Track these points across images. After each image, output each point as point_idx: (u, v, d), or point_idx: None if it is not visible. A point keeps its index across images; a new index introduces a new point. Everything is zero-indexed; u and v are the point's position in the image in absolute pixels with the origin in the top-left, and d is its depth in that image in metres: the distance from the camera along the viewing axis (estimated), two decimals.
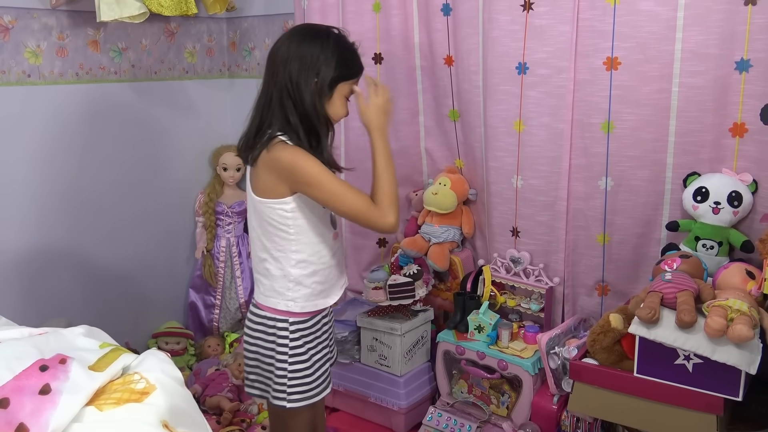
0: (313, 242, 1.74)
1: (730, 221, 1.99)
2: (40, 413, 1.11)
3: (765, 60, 1.89)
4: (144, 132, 2.94)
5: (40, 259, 2.65)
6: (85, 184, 2.75)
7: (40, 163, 2.60)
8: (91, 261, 2.82)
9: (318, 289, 1.77)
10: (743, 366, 1.61)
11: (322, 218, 1.74)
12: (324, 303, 1.79)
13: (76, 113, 2.69)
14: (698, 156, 2.05)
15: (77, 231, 2.75)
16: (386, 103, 1.78)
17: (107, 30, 2.74)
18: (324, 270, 1.77)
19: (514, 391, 2.26)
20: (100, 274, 2.85)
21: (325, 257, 1.76)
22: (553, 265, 2.34)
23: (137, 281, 3.00)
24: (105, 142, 2.80)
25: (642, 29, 2.02)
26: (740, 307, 1.64)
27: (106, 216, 2.84)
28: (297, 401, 1.75)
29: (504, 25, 2.23)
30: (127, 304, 2.97)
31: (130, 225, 2.94)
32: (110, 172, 2.83)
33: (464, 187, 2.53)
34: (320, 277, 1.77)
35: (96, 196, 2.79)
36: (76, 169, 2.71)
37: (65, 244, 2.72)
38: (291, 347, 1.74)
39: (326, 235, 1.76)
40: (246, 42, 3.19)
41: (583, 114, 2.17)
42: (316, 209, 1.71)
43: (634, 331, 1.73)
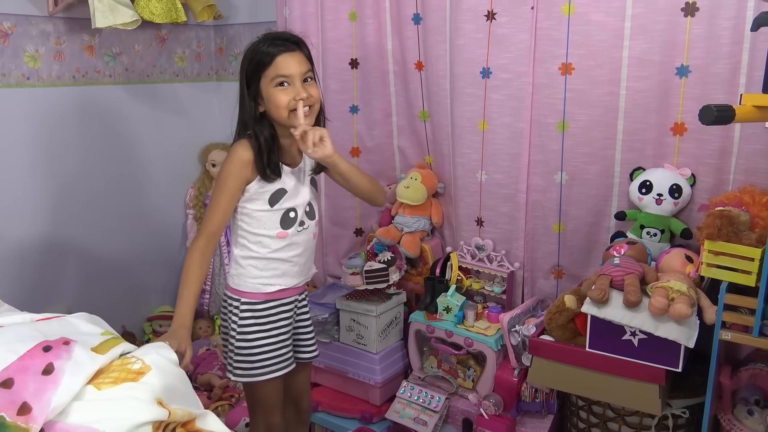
0: (256, 233, 1.74)
1: (671, 211, 2.02)
2: (43, 393, 1.09)
3: (703, 66, 1.91)
4: (137, 131, 2.89)
5: (41, 250, 2.60)
6: (82, 180, 2.70)
7: (39, 161, 2.54)
8: (90, 251, 2.78)
9: (255, 273, 1.76)
10: (683, 340, 1.64)
11: (269, 215, 1.72)
12: (265, 288, 1.77)
13: (73, 114, 2.64)
14: (643, 152, 2.08)
15: (76, 224, 2.70)
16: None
17: (102, 36, 2.69)
18: (263, 260, 1.76)
19: (479, 366, 2.27)
20: (98, 263, 2.81)
21: (265, 249, 1.75)
22: (514, 251, 2.35)
23: (133, 269, 2.96)
24: (100, 140, 2.75)
25: (593, 38, 2.03)
26: (680, 288, 1.66)
27: (102, 209, 2.80)
28: (239, 376, 1.76)
29: (469, 33, 2.23)
30: (124, 291, 2.93)
31: (125, 217, 2.89)
32: (106, 169, 2.79)
33: (433, 181, 2.53)
34: (258, 263, 1.76)
35: (93, 190, 2.75)
36: (73, 166, 2.66)
37: (65, 236, 2.67)
38: (239, 324, 1.76)
39: (270, 231, 1.73)
40: (232, 48, 3.15)
41: (541, 114, 2.18)
42: (263, 204, 1.71)
43: (586, 310, 1.75)
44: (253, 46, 1.67)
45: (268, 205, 1.71)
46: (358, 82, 2.56)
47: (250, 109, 1.67)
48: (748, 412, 1.73)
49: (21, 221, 2.52)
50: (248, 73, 1.65)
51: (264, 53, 1.63)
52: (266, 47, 1.64)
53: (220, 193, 1.67)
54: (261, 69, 1.63)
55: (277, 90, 1.63)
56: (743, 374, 1.81)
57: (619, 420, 1.92)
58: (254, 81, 1.65)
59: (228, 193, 1.67)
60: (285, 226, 1.75)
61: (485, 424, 2.10)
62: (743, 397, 1.79)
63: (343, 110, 2.58)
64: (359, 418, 2.39)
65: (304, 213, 1.79)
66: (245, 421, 2.45)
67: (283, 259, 1.77)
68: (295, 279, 1.83)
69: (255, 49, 1.65)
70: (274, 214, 1.72)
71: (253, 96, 1.66)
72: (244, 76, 1.67)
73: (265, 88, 1.64)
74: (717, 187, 1.96)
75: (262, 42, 1.65)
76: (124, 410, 1.13)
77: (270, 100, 1.64)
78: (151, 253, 3.02)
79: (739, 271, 1.58)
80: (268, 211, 1.72)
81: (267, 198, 1.71)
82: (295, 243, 1.78)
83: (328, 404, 2.46)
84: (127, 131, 2.85)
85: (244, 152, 1.65)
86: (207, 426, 1.27)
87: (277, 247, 1.75)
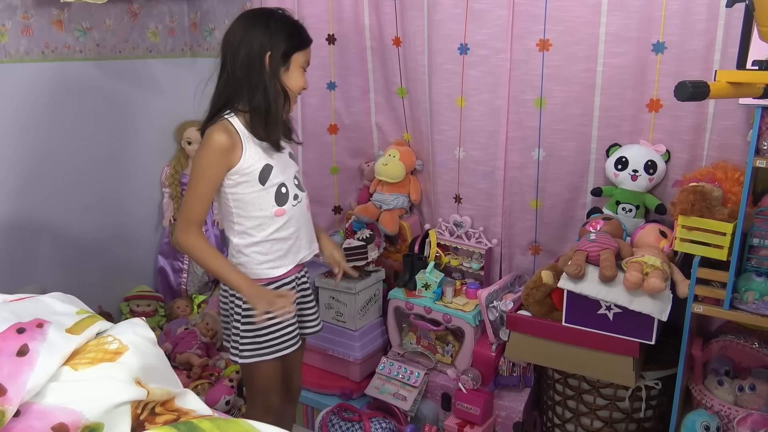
0: (253, 216, 1.71)
1: (646, 187, 2.04)
2: (18, 374, 1.08)
3: (678, 43, 1.92)
4: (110, 109, 2.83)
5: (13, 230, 2.55)
6: (54, 159, 2.64)
7: (9, 139, 2.48)
8: (64, 231, 2.73)
9: (260, 259, 1.74)
10: (656, 314, 1.67)
11: (263, 194, 1.69)
12: (272, 272, 1.75)
13: (43, 90, 2.57)
14: (619, 129, 2.09)
15: (49, 203, 2.65)
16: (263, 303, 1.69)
17: (71, 10, 2.61)
18: (266, 243, 1.73)
19: (457, 341, 2.29)
20: (72, 242, 2.76)
21: (266, 231, 1.72)
22: (492, 228, 2.37)
23: (109, 249, 2.92)
24: (73, 118, 2.69)
25: (571, 14, 2.03)
26: (654, 263, 1.69)
27: (76, 188, 2.74)
28: (247, 357, 1.75)
29: (447, 8, 2.21)
30: (100, 271, 2.89)
31: (100, 196, 2.84)
32: (79, 147, 2.73)
33: (412, 158, 2.52)
34: (262, 248, 1.74)
35: (66, 169, 2.69)
36: (45, 144, 2.60)
37: (37, 216, 2.62)
38: (243, 308, 1.73)
39: (266, 210, 1.70)
40: (207, 23, 3.09)
41: (518, 91, 2.18)
42: (253, 185, 1.67)
43: (562, 285, 1.77)
44: (290, 20, 1.68)
45: (259, 185, 1.68)
46: (335, 58, 2.53)
47: (273, 77, 1.64)
48: (719, 382, 1.77)
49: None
50: (287, 41, 1.64)
51: (306, 36, 1.70)
52: (305, 30, 1.70)
53: (201, 183, 1.63)
54: (300, 44, 1.67)
55: (301, 71, 1.69)
56: (714, 346, 1.85)
57: (594, 392, 1.96)
58: (292, 51, 1.66)
59: (210, 183, 1.64)
60: (280, 202, 1.72)
61: (464, 398, 2.13)
62: (714, 368, 1.83)
63: (321, 87, 2.55)
64: (339, 394, 2.41)
65: (294, 186, 1.77)
66: (225, 399, 2.45)
67: (285, 238, 1.75)
68: (300, 254, 1.81)
69: (295, 24, 1.68)
70: (267, 192, 1.69)
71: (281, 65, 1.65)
72: (283, 39, 1.64)
73: (295, 64, 1.67)
74: (691, 163, 1.99)
75: (299, 23, 1.70)
76: (101, 390, 1.13)
77: (294, 78, 1.68)
78: (127, 232, 2.98)
79: (711, 245, 1.61)
80: (260, 191, 1.68)
81: (256, 177, 1.67)
82: (292, 218, 1.76)
83: (308, 381, 2.47)
84: (100, 109, 2.79)
85: (222, 137, 1.61)
86: (186, 405, 1.27)
87: (277, 227, 1.72)
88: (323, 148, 2.63)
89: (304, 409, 2.49)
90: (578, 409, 2.01)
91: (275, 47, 1.62)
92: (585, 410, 1.99)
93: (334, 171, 2.67)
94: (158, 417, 1.20)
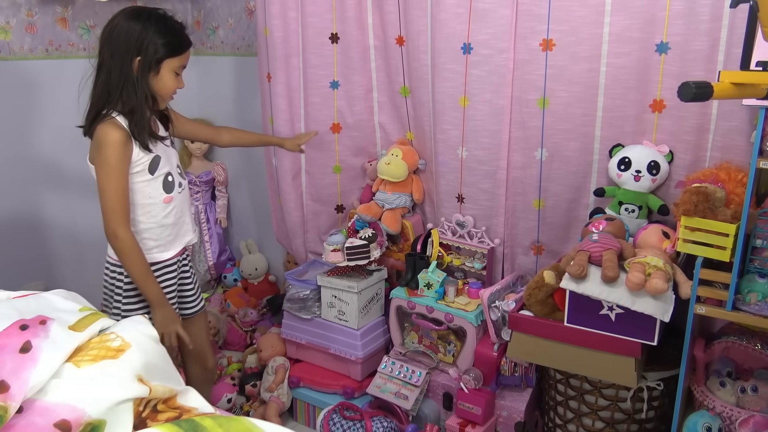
0: (141, 204, 1.80)
1: (649, 187, 2.04)
2: (21, 371, 1.09)
3: (682, 43, 1.92)
4: None
5: (18, 228, 2.56)
6: (58, 156, 2.65)
7: (13, 136, 2.49)
8: (67, 228, 2.74)
9: (150, 244, 1.84)
10: (658, 315, 1.67)
11: (151, 183, 1.79)
12: (159, 257, 1.86)
13: (47, 88, 2.58)
14: (622, 129, 2.09)
15: (52, 200, 2.66)
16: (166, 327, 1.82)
17: (75, 8, 2.62)
18: (156, 229, 1.84)
19: (459, 341, 2.30)
20: (75, 240, 2.77)
21: (155, 218, 1.83)
22: (494, 227, 2.37)
23: None
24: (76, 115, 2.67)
25: (574, 14, 2.03)
26: (657, 264, 1.69)
27: (79, 185, 2.75)
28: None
29: (450, 8, 2.21)
30: (102, 268, 2.89)
31: None
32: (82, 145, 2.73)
33: (414, 157, 2.52)
34: (152, 234, 1.84)
35: (69, 166, 2.70)
36: (48, 141, 2.61)
37: (41, 213, 2.63)
38: (124, 290, 1.84)
39: (155, 198, 1.81)
40: (210, 21, 3.09)
41: (522, 91, 2.18)
42: (144, 174, 1.77)
43: (564, 285, 1.77)
44: (168, 23, 1.71)
45: (149, 174, 1.78)
46: (339, 57, 2.53)
47: (142, 81, 1.69)
48: (721, 383, 1.77)
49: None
50: (162, 47, 1.69)
51: (181, 41, 1.74)
52: (183, 34, 1.75)
53: (118, 180, 1.70)
54: (173, 52, 1.72)
55: (173, 76, 1.75)
56: (716, 347, 1.85)
57: (595, 392, 1.96)
58: (164, 58, 1.70)
59: (123, 178, 1.72)
60: (167, 190, 1.84)
61: (465, 398, 2.13)
62: (716, 369, 1.83)
63: (324, 86, 2.55)
64: (341, 393, 2.41)
65: (177, 174, 1.89)
66: (227, 397, 2.46)
67: (172, 224, 1.87)
68: (186, 238, 1.94)
69: (173, 28, 1.72)
70: (155, 181, 1.80)
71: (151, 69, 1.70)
72: (156, 46, 1.68)
73: (167, 69, 1.72)
74: (694, 164, 1.98)
75: (176, 25, 1.74)
76: (104, 387, 1.13)
77: (164, 82, 1.73)
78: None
79: (714, 246, 1.61)
80: (150, 180, 1.79)
81: (147, 167, 1.77)
82: (178, 204, 1.88)
83: (309, 380, 2.48)
84: None
85: (117, 133, 1.68)
86: (188, 402, 1.27)
87: (165, 213, 1.84)
88: (326, 147, 2.63)
89: (305, 407, 2.50)
90: (580, 410, 2.01)
91: (145, 52, 1.67)
92: (587, 411, 1.99)
93: (337, 170, 2.67)
94: (160, 414, 1.21)
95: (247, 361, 2.68)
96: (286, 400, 2.48)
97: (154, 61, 1.69)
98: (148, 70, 1.69)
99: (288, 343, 2.58)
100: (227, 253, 3.25)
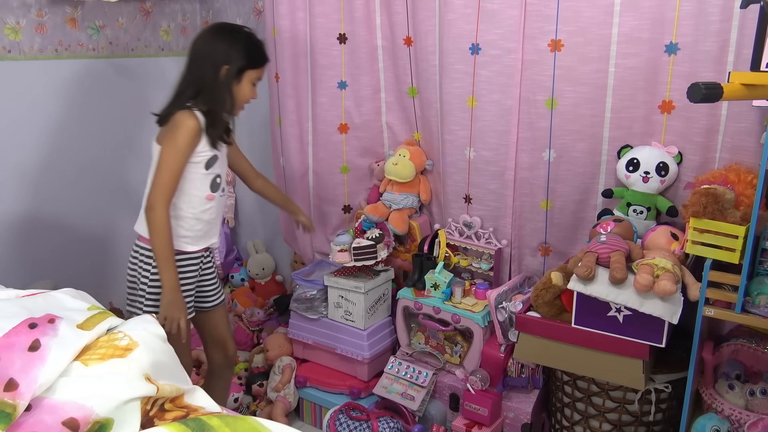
0: (187, 193, 1.91)
1: (658, 189, 2.03)
2: (29, 369, 1.09)
3: (691, 44, 1.91)
4: (121, 106, 2.85)
5: (27, 227, 2.58)
6: (67, 155, 2.67)
7: (22, 135, 2.50)
8: (76, 227, 2.76)
9: (181, 233, 1.93)
10: (667, 317, 1.66)
11: (203, 178, 1.91)
12: (185, 247, 1.95)
13: (56, 88, 2.59)
14: (631, 130, 2.08)
15: (61, 199, 2.67)
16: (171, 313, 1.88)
17: (85, 8, 2.64)
18: (190, 220, 1.94)
19: (466, 342, 2.29)
20: (84, 239, 2.79)
21: (194, 210, 1.93)
22: (502, 228, 2.36)
23: (120, 245, 2.94)
24: (85, 115, 2.71)
25: (583, 14, 2.02)
26: (665, 265, 1.68)
27: (88, 185, 2.77)
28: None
29: (458, 8, 2.21)
30: (111, 267, 2.91)
31: (111, 193, 2.87)
32: (90, 144, 2.75)
33: (422, 158, 2.52)
34: (186, 223, 1.93)
35: (78, 166, 2.72)
36: (57, 141, 2.62)
37: (49, 212, 2.65)
38: (152, 273, 1.92)
39: (200, 191, 1.92)
40: (218, 21, 3.10)
41: (530, 92, 2.17)
42: (200, 167, 1.89)
43: (572, 287, 1.76)
44: (252, 39, 1.92)
45: (204, 169, 1.90)
46: (346, 57, 2.53)
47: (224, 85, 1.88)
48: (729, 386, 1.76)
49: (5, 197, 2.49)
50: (245, 59, 1.89)
51: (263, 56, 1.95)
52: (263, 51, 1.95)
53: (179, 161, 1.84)
54: (254, 65, 1.92)
55: (250, 86, 1.94)
56: (725, 350, 1.84)
57: (603, 395, 1.96)
58: (246, 68, 1.90)
59: (184, 161, 1.85)
60: (213, 189, 1.96)
61: (472, 399, 2.13)
62: (725, 372, 1.82)
63: (331, 86, 2.56)
64: (347, 393, 2.41)
65: (224, 180, 2.01)
66: (233, 396, 2.46)
67: (206, 221, 1.97)
68: (211, 240, 2.04)
69: (256, 45, 1.93)
70: (207, 177, 1.93)
71: (234, 78, 1.89)
72: (241, 58, 1.88)
73: (246, 79, 1.92)
74: (703, 165, 1.97)
75: (258, 42, 1.94)
76: (112, 386, 1.13)
77: (243, 90, 1.92)
78: None
79: (723, 248, 1.60)
80: (203, 174, 1.91)
81: (204, 162, 1.90)
82: (215, 207, 2.00)
83: (316, 380, 2.48)
84: (112, 106, 2.81)
85: (193, 122, 1.84)
86: (195, 401, 1.28)
87: (203, 209, 1.95)
88: (333, 147, 2.64)
89: (312, 407, 2.50)
90: (587, 412, 2.00)
91: (232, 62, 1.87)
92: (594, 413, 1.99)
93: (344, 170, 2.67)
94: (167, 413, 1.21)
95: (254, 360, 2.69)
96: (293, 400, 2.48)
97: (237, 70, 1.87)
98: (231, 78, 1.87)
99: (295, 343, 2.59)
100: (234, 252, 3.25)
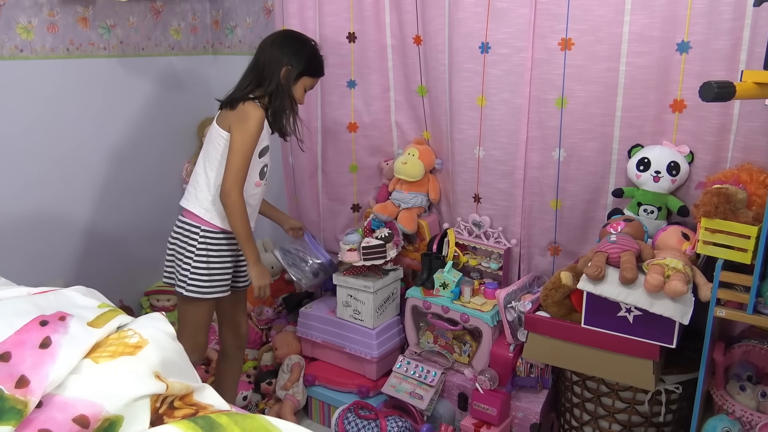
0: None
1: (669, 188, 2.02)
2: (41, 366, 1.10)
3: (703, 42, 1.89)
4: (132, 105, 2.87)
5: (38, 225, 2.60)
6: (78, 154, 2.68)
7: (34, 134, 2.52)
8: (86, 225, 2.77)
9: (224, 213, 2.00)
10: (677, 317, 1.65)
11: (254, 164, 1.99)
12: (228, 226, 2.02)
13: (68, 87, 2.61)
14: (642, 129, 2.07)
15: (72, 198, 2.69)
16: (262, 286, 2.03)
17: (96, 8, 2.65)
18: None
19: (474, 341, 2.29)
20: (94, 237, 2.80)
21: (244, 193, 1.98)
22: (511, 228, 2.36)
23: (130, 243, 2.96)
24: (96, 114, 2.72)
25: (593, 12, 2.01)
26: (676, 265, 1.67)
27: (99, 183, 2.78)
28: (193, 292, 2.02)
29: (468, 7, 2.20)
30: (121, 265, 2.93)
31: (122, 192, 2.88)
32: (101, 143, 2.77)
33: (431, 157, 2.52)
34: None
35: (89, 165, 2.73)
36: (68, 140, 2.64)
37: (60, 211, 2.66)
38: (198, 248, 2.02)
39: (252, 177, 2.01)
40: (228, 21, 3.11)
41: (540, 90, 2.17)
42: (254, 154, 1.98)
43: (582, 287, 1.76)
44: (315, 51, 2.08)
45: (258, 157, 2.01)
46: (356, 56, 2.53)
47: (285, 84, 2.01)
48: (740, 387, 1.75)
49: (16, 196, 2.51)
50: (305, 66, 2.03)
51: (321, 68, 2.11)
52: (322, 64, 2.10)
53: (251, 148, 1.95)
54: (312, 73, 2.07)
55: (302, 91, 2.08)
56: (736, 351, 1.82)
57: (612, 395, 1.95)
58: (303, 74, 2.04)
59: (254, 147, 1.96)
60: (261, 177, 2.08)
61: (480, 398, 2.13)
62: (736, 373, 1.80)
63: (341, 85, 2.56)
64: (356, 392, 2.42)
65: (269, 171, 2.12)
66: (242, 395, 2.47)
67: (252, 205, 2.06)
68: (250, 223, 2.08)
69: (317, 57, 2.08)
70: (258, 164, 2.03)
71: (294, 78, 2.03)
72: (302, 63, 2.02)
73: (301, 83, 2.05)
74: (715, 165, 1.96)
75: (320, 56, 2.09)
76: (122, 384, 1.14)
77: (296, 92, 2.05)
78: (148, 228, 3.01)
79: (734, 248, 1.59)
80: (256, 161, 2.01)
81: (260, 150, 2.01)
82: (260, 194, 2.11)
83: (325, 378, 2.48)
84: (123, 105, 2.82)
85: (260, 112, 1.96)
86: (205, 399, 1.28)
87: (251, 194, 2.04)
88: (343, 146, 2.64)
89: (320, 405, 2.50)
90: (596, 412, 1.99)
91: (294, 65, 2.01)
92: (603, 413, 1.98)
93: (353, 169, 2.68)
94: (177, 411, 1.22)
95: (263, 359, 2.70)
96: (301, 399, 2.49)
97: (297, 73, 2.02)
98: (290, 79, 2.01)
99: (303, 342, 2.59)
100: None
